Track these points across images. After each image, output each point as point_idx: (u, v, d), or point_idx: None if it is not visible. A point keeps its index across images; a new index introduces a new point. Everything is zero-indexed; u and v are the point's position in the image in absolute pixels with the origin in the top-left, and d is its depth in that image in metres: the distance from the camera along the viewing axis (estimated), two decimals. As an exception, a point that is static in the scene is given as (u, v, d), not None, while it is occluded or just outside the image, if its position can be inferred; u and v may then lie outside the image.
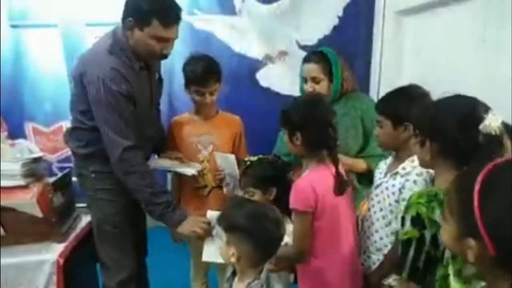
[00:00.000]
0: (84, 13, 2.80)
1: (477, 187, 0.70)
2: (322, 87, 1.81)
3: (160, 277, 2.16)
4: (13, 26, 2.93)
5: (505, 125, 0.96)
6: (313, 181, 1.39)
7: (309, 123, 1.40)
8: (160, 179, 1.97)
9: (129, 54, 1.61)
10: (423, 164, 1.20)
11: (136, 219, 1.87)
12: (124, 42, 1.61)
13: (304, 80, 1.86)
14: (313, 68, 1.82)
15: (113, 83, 1.55)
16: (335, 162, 1.41)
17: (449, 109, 1.06)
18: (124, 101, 1.58)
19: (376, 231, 1.45)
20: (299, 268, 1.50)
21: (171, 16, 1.56)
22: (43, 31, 2.93)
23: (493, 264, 0.71)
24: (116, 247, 1.79)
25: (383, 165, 1.53)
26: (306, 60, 1.87)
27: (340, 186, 1.39)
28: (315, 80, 1.81)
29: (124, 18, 1.58)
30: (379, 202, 1.45)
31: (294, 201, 1.39)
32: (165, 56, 1.66)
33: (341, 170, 1.43)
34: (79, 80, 1.61)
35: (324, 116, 1.41)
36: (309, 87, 1.82)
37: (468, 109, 1.02)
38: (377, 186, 1.49)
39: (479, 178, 0.71)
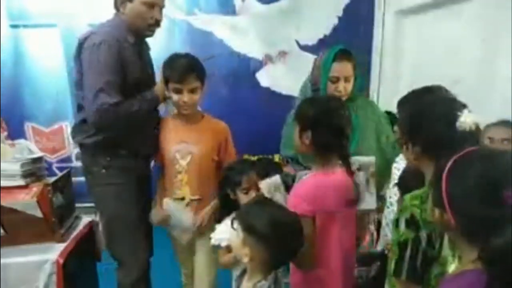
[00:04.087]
0: (84, 13, 2.79)
1: (449, 164, 0.81)
2: (351, 86, 1.77)
3: (160, 277, 2.16)
4: (13, 26, 2.92)
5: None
6: (312, 185, 1.33)
7: (322, 125, 1.32)
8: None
9: (124, 30, 1.75)
10: (410, 164, 1.21)
11: (144, 215, 1.90)
12: (118, 21, 1.76)
13: (331, 80, 1.76)
14: (348, 67, 1.75)
15: (112, 48, 1.67)
16: (350, 172, 1.34)
17: (426, 111, 1.07)
18: (116, 67, 1.68)
19: None
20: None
21: None
22: (43, 31, 2.92)
23: (458, 234, 0.81)
24: (129, 243, 1.82)
25: (401, 161, 1.51)
26: (337, 59, 1.75)
27: (355, 198, 1.33)
28: (348, 79, 1.75)
29: None
30: (398, 201, 1.44)
31: (292, 205, 1.32)
32: (157, 23, 1.80)
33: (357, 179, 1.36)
34: (81, 47, 1.71)
35: (339, 123, 1.33)
36: (339, 85, 1.74)
37: (445, 108, 1.04)
38: (396, 184, 1.47)
39: (453, 158, 0.82)
